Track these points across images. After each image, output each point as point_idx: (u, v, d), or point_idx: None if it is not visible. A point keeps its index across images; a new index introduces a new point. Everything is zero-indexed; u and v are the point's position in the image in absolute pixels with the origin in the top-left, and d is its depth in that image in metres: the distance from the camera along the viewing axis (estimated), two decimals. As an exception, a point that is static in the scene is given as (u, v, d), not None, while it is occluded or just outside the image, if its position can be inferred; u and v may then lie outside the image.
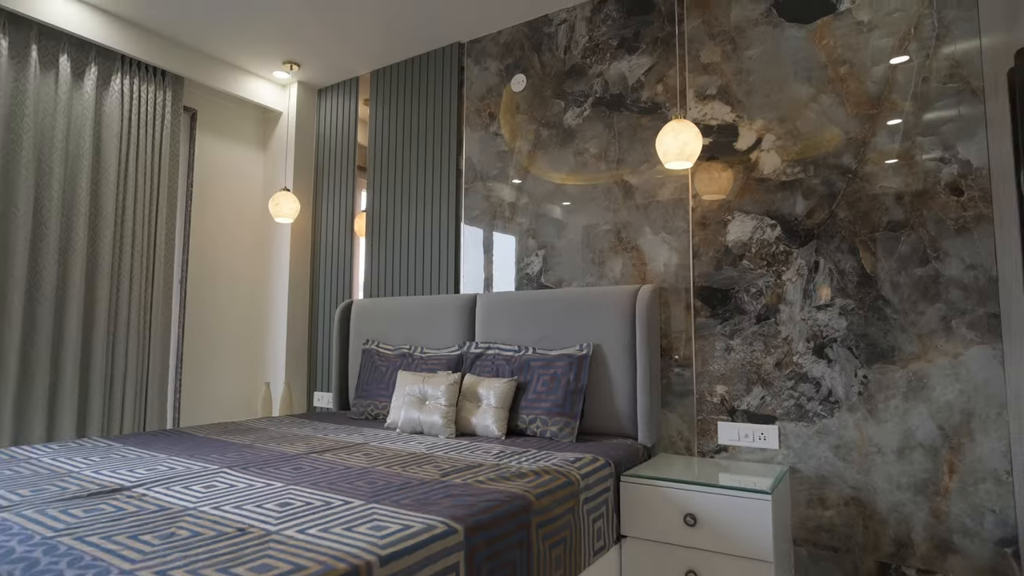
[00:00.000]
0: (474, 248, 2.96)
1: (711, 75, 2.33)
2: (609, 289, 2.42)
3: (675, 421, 2.31)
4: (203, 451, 1.99)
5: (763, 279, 2.16)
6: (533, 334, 2.58)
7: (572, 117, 2.67)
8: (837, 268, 2.03)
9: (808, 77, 2.12)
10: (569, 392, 2.31)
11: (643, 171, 2.47)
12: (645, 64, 2.49)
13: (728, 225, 2.25)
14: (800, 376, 2.07)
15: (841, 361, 2.00)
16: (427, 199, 3.13)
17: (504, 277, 2.85)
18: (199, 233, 3.41)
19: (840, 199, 2.04)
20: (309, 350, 3.58)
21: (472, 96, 3.02)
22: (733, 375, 2.20)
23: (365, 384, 2.93)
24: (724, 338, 2.22)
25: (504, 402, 2.37)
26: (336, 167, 3.56)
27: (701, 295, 2.29)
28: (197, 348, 3.37)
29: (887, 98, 1.98)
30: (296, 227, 3.57)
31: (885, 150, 1.97)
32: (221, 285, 3.50)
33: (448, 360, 2.71)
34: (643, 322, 2.28)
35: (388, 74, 3.37)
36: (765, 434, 2.11)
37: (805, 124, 2.12)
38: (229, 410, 3.50)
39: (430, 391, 2.46)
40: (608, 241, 2.53)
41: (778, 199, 2.15)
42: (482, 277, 2.92)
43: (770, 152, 2.18)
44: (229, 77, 3.37)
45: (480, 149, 2.97)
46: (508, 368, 2.51)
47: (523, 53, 2.85)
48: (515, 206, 2.82)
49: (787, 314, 2.11)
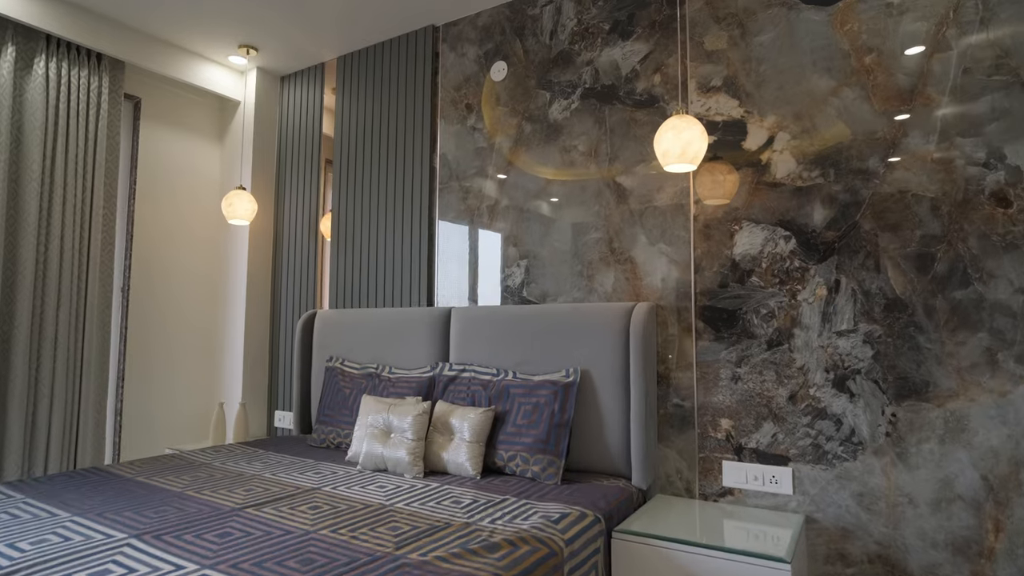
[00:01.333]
0: (449, 256, 2.65)
1: (716, 64, 2.04)
2: (599, 306, 2.13)
3: (674, 458, 2.04)
4: (120, 504, 1.68)
5: (775, 299, 1.89)
6: (513, 355, 2.29)
7: (559, 110, 2.38)
8: (861, 288, 1.76)
9: (828, 67, 1.85)
10: (553, 425, 2.03)
11: (638, 172, 2.18)
12: (641, 51, 2.20)
13: (735, 236, 1.97)
14: (818, 412, 1.80)
15: (866, 396, 1.73)
16: (398, 200, 2.82)
17: (482, 289, 2.55)
18: (145, 235, 3.07)
19: (865, 208, 1.77)
20: (270, 365, 3.26)
21: (447, 85, 2.71)
22: (740, 408, 1.93)
23: (327, 408, 2.62)
24: (730, 365, 1.95)
25: (479, 436, 2.08)
26: (301, 162, 3.23)
27: (704, 315, 2.01)
28: (142, 366, 3.03)
29: (921, 92, 1.71)
30: (255, 229, 3.24)
31: (918, 152, 1.70)
32: (170, 294, 3.16)
33: (418, 383, 2.41)
34: (638, 345, 2.00)
35: (356, 61, 3.04)
36: (777, 477, 1.84)
37: (824, 121, 1.84)
38: (180, 434, 3.17)
39: (395, 422, 2.16)
40: (599, 251, 2.24)
41: (793, 207, 1.88)
42: (458, 289, 2.62)
43: (783, 153, 1.91)
44: (178, 62, 3.02)
45: (456, 145, 2.66)
46: (485, 395, 2.23)
47: (504, 38, 2.55)
48: (494, 210, 2.52)
49: (803, 340, 1.84)
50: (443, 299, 2.67)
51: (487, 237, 2.54)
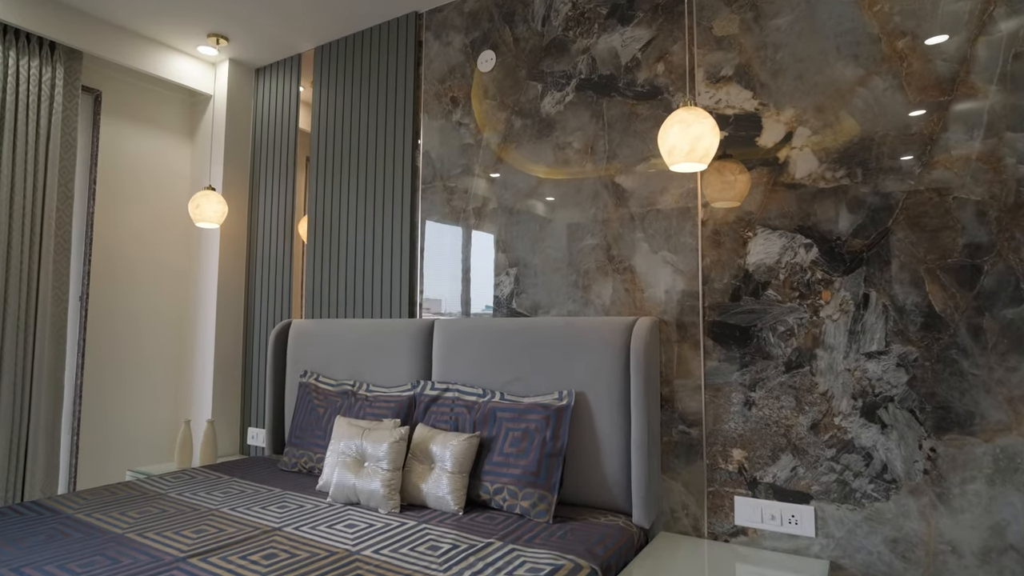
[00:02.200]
0: (433, 263, 2.44)
1: (727, 51, 1.83)
2: (596, 321, 1.92)
3: (679, 492, 1.82)
4: (47, 554, 1.45)
5: (795, 315, 1.68)
6: (501, 374, 2.08)
7: (551, 103, 2.16)
8: (894, 304, 1.55)
9: (855, 53, 1.63)
10: (545, 455, 1.81)
11: (639, 171, 1.97)
12: (643, 37, 1.99)
13: (749, 243, 1.76)
14: (844, 444, 1.59)
15: (900, 427, 1.52)
16: (378, 201, 2.59)
17: (465, 299, 2.33)
18: (106, 240, 2.84)
19: (899, 213, 1.56)
20: (243, 379, 3.03)
21: (431, 77, 2.49)
22: (755, 437, 1.71)
23: (300, 428, 2.40)
24: (743, 389, 1.74)
25: (463, 466, 1.86)
26: (277, 161, 3.01)
27: (714, 332, 1.80)
28: (102, 381, 2.81)
29: (964, 80, 1.50)
30: (228, 232, 3.02)
31: (961, 149, 1.49)
32: (134, 302, 2.93)
33: (397, 403, 2.20)
34: (639, 365, 1.78)
35: (333, 51, 2.82)
36: (797, 516, 1.63)
37: (851, 114, 1.63)
38: (145, 455, 2.94)
39: (370, 449, 1.94)
40: (595, 259, 2.03)
41: (815, 211, 1.67)
42: (441, 299, 2.40)
43: (804, 150, 1.69)
44: (141, 52, 2.79)
45: (440, 142, 2.44)
46: (469, 419, 2.01)
47: (492, 25, 2.33)
48: (482, 212, 2.30)
49: (826, 362, 1.62)
50: (426, 309, 2.45)
51: (474, 242, 2.33)
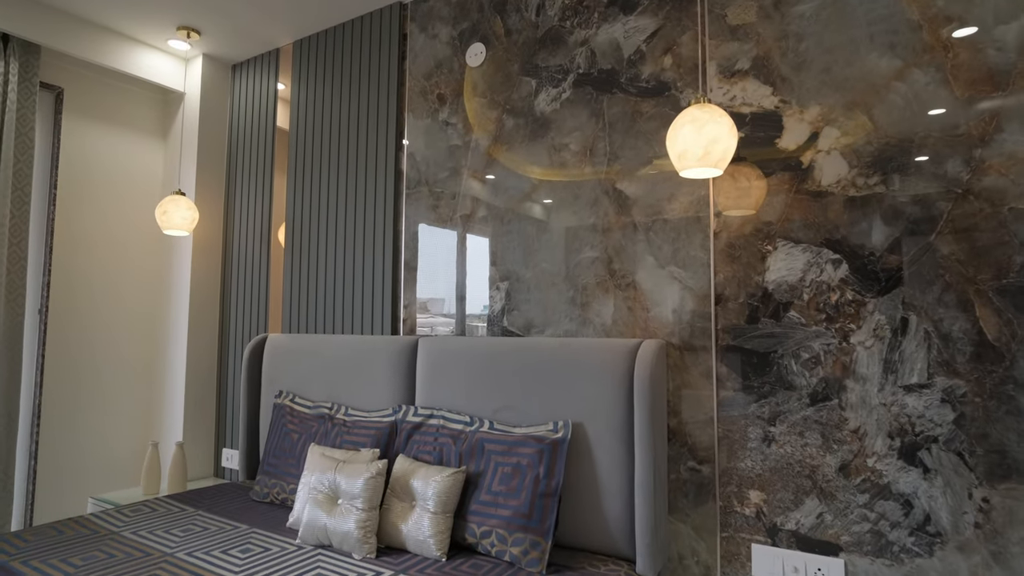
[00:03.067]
0: (416, 274, 2.24)
1: (743, 42, 1.63)
2: (596, 343, 1.72)
3: (688, 536, 1.62)
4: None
5: (821, 340, 1.48)
6: (490, 400, 1.88)
7: (546, 101, 1.96)
8: (938, 331, 1.35)
9: (891, 43, 1.43)
10: (538, 495, 1.61)
11: (643, 176, 1.77)
12: (647, 27, 1.79)
13: (768, 258, 1.56)
14: (879, 489, 1.39)
15: (945, 473, 1.32)
16: (359, 208, 2.40)
17: (454, 315, 2.13)
18: (68, 248, 2.64)
19: (943, 225, 1.36)
20: (218, 397, 2.83)
21: (416, 73, 2.29)
22: (775, 478, 1.51)
23: (272, 455, 2.20)
24: (761, 423, 1.54)
25: (446, 505, 1.66)
26: (254, 163, 2.81)
27: (728, 358, 1.60)
28: (64, 400, 2.60)
29: (1022, 72, 1.30)
30: (202, 239, 2.82)
31: (1018, 152, 1.29)
32: (100, 315, 2.73)
33: (377, 431, 2.00)
34: (644, 393, 1.58)
35: (313, 45, 2.62)
36: (825, 570, 1.43)
37: (887, 112, 1.43)
38: (111, 479, 2.74)
39: (344, 485, 1.74)
40: (595, 273, 1.83)
41: (844, 223, 1.47)
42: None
43: (831, 153, 1.50)
44: (106, 46, 2.59)
45: (426, 143, 2.24)
46: (455, 450, 1.81)
47: (482, 15, 2.13)
48: (470, 220, 2.10)
49: (858, 394, 1.42)
50: (409, 325, 2.25)
51: (461, 253, 2.13)
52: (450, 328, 2.15)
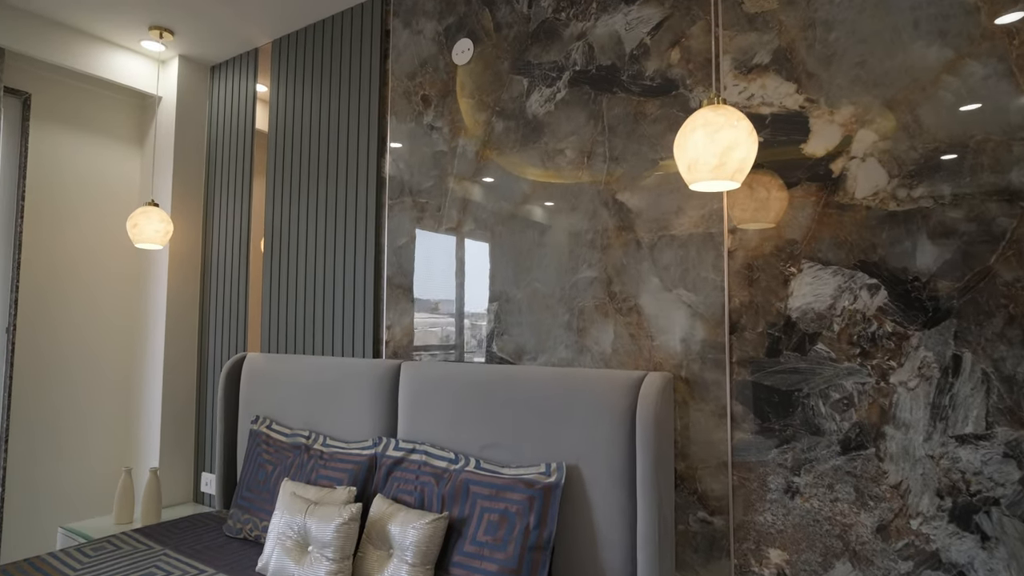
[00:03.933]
0: (400, 291, 2.05)
1: (762, 32, 1.42)
2: (594, 374, 1.52)
3: (700, 600, 1.42)
4: None
5: (854, 378, 1.27)
6: (477, 435, 1.69)
7: (539, 102, 1.76)
8: (999, 372, 1.13)
9: (940, 30, 1.22)
10: (528, 548, 1.42)
11: (648, 187, 1.56)
12: (652, 18, 1.58)
13: (791, 282, 1.35)
14: (926, 557, 1.18)
15: (1009, 542, 1.11)
16: (339, 218, 2.21)
17: (440, 339, 1.95)
18: (38, 263, 2.49)
19: (1006, 247, 1.14)
20: (197, 418, 2.67)
21: (400, 73, 2.10)
22: (800, 536, 1.31)
23: (247, 488, 2.04)
24: (783, 471, 1.33)
25: (426, 556, 1.48)
26: (234, 171, 2.64)
27: (744, 395, 1.39)
28: (33, 424, 2.45)
29: (1101, 64, 1.08)
30: (179, 252, 2.65)
31: (1096, 160, 1.07)
32: (72, 334, 2.58)
33: (356, 465, 1.82)
34: (648, 433, 1.39)
35: (291, 44, 2.44)
36: (860, 650, 1.22)
37: (934, 112, 1.21)
38: (84, 507, 2.59)
39: (315, 531, 1.57)
40: (593, 295, 1.63)
41: (883, 242, 1.25)
42: (410, 336, 2.02)
43: (867, 160, 1.28)
44: (74, 48, 2.43)
45: (410, 149, 2.05)
46: (437, 491, 1.62)
47: (469, 8, 1.93)
48: (457, 232, 1.91)
49: (899, 444, 1.21)
50: (392, 349, 2.07)
51: (447, 269, 1.94)
52: (449, 353, 1.96)
